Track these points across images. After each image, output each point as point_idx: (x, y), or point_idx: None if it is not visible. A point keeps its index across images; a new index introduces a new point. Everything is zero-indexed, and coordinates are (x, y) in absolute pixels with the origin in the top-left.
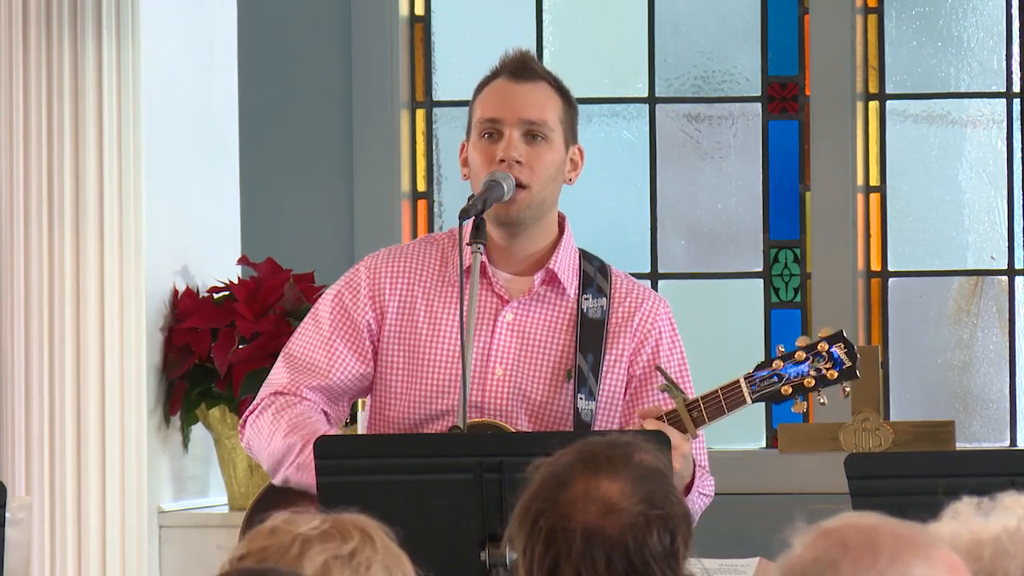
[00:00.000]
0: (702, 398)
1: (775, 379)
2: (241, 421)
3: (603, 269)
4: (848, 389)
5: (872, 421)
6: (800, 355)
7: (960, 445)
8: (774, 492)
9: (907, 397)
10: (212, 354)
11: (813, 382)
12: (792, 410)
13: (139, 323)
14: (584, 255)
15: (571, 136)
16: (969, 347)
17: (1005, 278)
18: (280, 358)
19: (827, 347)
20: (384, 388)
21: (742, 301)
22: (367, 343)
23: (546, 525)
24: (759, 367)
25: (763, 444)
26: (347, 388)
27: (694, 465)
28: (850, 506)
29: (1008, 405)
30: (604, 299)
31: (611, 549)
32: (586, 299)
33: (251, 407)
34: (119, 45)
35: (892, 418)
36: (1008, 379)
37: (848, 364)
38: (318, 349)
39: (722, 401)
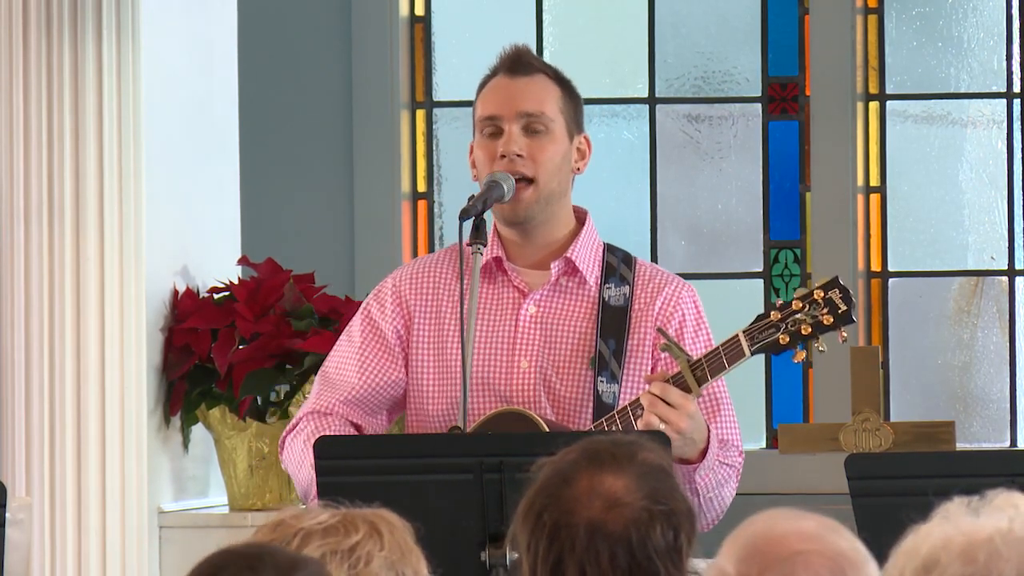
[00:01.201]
0: (704, 356)
1: (772, 330)
2: (280, 440)
3: (627, 260)
4: (846, 334)
5: (872, 421)
6: (797, 304)
7: (960, 445)
8: (774, 492)
9: (907, 397)
10: (212, 354)
11: (810, 329)
12: (792, 360)
13: (139, 323)
14: (609, 248)
15: (575, 126)
16: (969, 347)
17: (1005, 278)
18: (317, 377)
19: (823, 294)
20: (419, 390)
21: (742, 301)
22: (397, 349)
23: (550, 520)
24: (757, 320)
25: (763, 444)
26: (382, 396)
27: (708, 430)
28: (850, 507)
29: (1008, 405)
30: (627, 287)
31: (614, 544)
32: (608, 288)
33: (289, 426)
34: (119, 45)
35: (892, 418)
36: (1008, 379)
37: (844, 309)
38: (350, 362)
39: (722, 356)
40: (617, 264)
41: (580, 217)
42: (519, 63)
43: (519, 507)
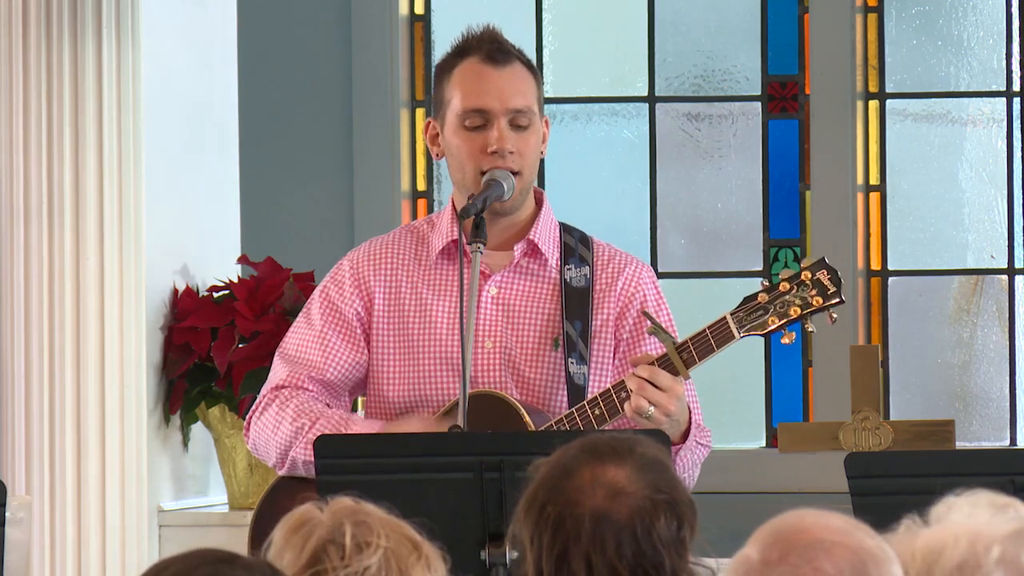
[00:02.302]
0: (691, 338)
1: (761, 312)
2: (246, 422)
3: (584, 240)
4: (835, 316)
5: (872, 420)
6: (784, 286)
7: (960, 444)
8: (774, 492)
9: (907, 396)
10: (212, 353)
11: (799, 311)
12: (781, 341)
13: (139, 322)
14: (564, 228)
15: (542, 111)
16: (969, 346)
17: (1005, 277)
18: (276, 358)
19: (811, 275)
20: (378, 373)
21: None
22: (358, 331)
23: (554, 512)
24: (744, 302)
25: (763, 443)
26: (344, 379)
27: (690, 413)
28: (850, 506)
29: (1008, 404)
30: (587, 267)
31: (619, 532)
32: (569, 269)
33: (253, 407)
34: (119, 45)
35: (892, 417)
36: (1008, 378)
37: (833, 289)
38: (312, 344)
39: (710, 339)
40: (575, 245)
41: (537, 199)
42: (499, 50)
43: (520, 503)
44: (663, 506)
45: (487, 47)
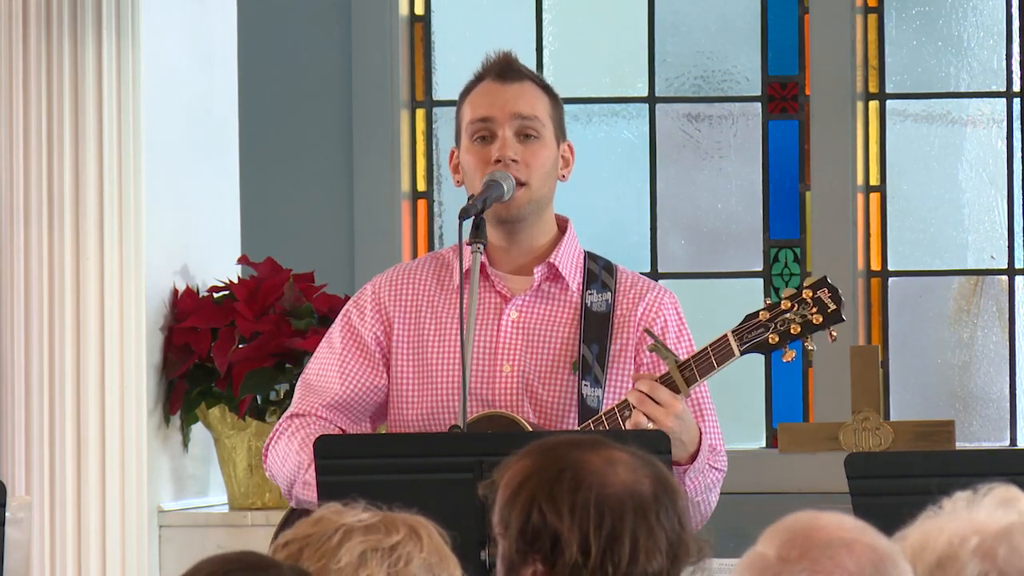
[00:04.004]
0: (692, 356)
1: (762, 330)
2: (264, 450)
3: (608, 267)
4: (835, 334)
5: (872, 420)
6: (786, 304)
7: (960, 445)
8: (774, 492)
9: (907, 397)
10: (212, 353)
11: (799, 328)
12: (782, 359)
13: (139, 323)
14: (590, 255)
15: (560, 133)
16: (969, 347)
17: (1005, 277)
18: (298, 384)
19: (812, 294)
20: (399, 397)
21: (742, 301)
22: (377, 355)
23: (591, 493)
24: (745, 320)
25: (763, 444)
26: (363, 402)
27: (699, 435)
28: (851, 506)
29: (1008, 405)
30: (609, 293)
31: (652, 501)
32: (590, 294)
33: (271, 434)
34: (119, 45)
35: (892, 418)
36: (1008, 379)
37: (833, 308)
38: (330, 368)
39: (711, 357)
40: (598, 271)
41: (561, 225)
42: (509, 69)
43: (535, 500)
44: (664, 477)
45: (498, 68)
